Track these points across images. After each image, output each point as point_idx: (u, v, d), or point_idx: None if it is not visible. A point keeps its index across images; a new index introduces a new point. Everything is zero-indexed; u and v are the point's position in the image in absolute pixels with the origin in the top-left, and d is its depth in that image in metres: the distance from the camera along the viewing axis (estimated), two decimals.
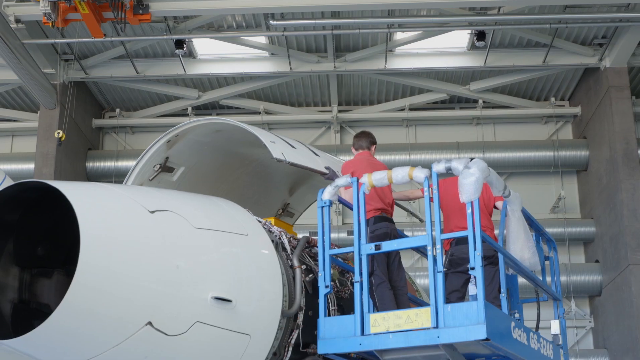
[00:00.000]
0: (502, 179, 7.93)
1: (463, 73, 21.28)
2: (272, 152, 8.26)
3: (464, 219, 7.14)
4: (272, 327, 7.04)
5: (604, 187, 20.09)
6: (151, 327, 5.79)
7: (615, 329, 19.40)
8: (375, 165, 8.50)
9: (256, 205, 10.20)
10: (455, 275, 8.37)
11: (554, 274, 9.70)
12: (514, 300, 9.17)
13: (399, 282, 8.29)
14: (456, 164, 7.10)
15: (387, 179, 7.48)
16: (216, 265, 6.53)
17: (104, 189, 6.34)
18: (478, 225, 6.84)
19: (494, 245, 7.68)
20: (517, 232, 8.23)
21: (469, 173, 6.97)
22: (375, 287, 7.91)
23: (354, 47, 20.35)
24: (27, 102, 22.07)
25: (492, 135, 22.34)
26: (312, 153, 9.37)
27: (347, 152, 20.74)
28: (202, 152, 9.68)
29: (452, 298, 8.17)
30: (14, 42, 17.32)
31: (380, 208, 8.28)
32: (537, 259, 8.40)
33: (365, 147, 8.92)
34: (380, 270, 8.03)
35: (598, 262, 20.64)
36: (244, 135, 8.90)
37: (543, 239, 9.51)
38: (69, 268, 6.06)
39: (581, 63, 20.30)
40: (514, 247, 8.20)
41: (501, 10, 18.53)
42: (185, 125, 9.09)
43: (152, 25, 18.72)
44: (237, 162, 10.31)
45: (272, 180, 10.80)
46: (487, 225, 8.54)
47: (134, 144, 22.63)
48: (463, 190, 6.96)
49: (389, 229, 8.25)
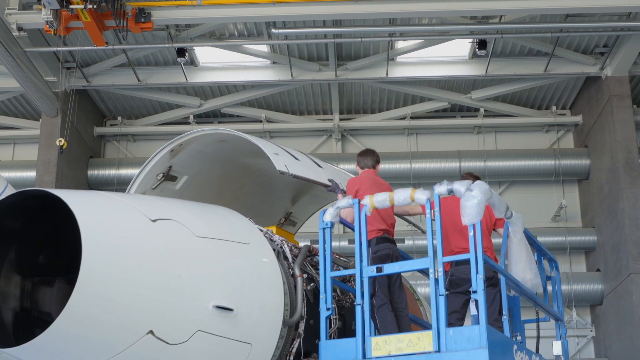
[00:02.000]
0: (504, 201, 7.90)
1: (464, 82, 21.30)
2: (276, 164, 8.30)
3: (464, 240, 7.11)
4: (273, 335, 7.04)
5: (605, 195, 20.08)
6: (152, 336, 5.78)
7: (617, 338, 19.36)
8: (379, 185, 8.50)
9: (259, 214, 10.20)
10: (455, 296, 8.30)
11: (556, 294, 9.65)
12: (515, 321, 9.15)
13: (401, 304, 8.27)
14: (458, 186, 7.07)
15: (389, 200, 7.45)
16: (218, 274, 6.53)
17: (105, 197, 6.35)
18: (480, 248, 6.82)
19: (496, 268, 7.66)
20: (519, 254, 8.17)
21: (471, 195, 6.95)
22: (377, 309, 7.89)
23: (356, 55, 20.38)
24: (28, 109, 22.09)
25: (494, 143, 22.34)
26: (315, 165, 9.38)
27: (348, 160, 20.85)
28: (205, 161, 9.70)
29: (451, 319, 8.08)
30: (16, 50, 17.35)
31: (382, 229, 8.26)
32: (539, 280, 8.33)
33: (371, 165, 8.89)
34: (382, 292, 8.01)
35: (599, 271, 20.61)
36: (248, 146, 8.92)
37: (545, 258, 9.50)
38: (70, 276, 6.06)
39: (582, 72, 20.31)
40: (516, 269, 8.14)
41: (502, 19, 18.56)
42: (189, 135, 9.12)
43: (154, 34, 18.76)
44: (240, 171, 10.33)
45: (274, 189, 10.81)
46: (488, 246, 8.50)
47: (136, 152, 22.65)
48: (465, 212, 6.92)
49: (391, 250, 8.23)
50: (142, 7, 16.58)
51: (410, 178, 20.99)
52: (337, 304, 8.28)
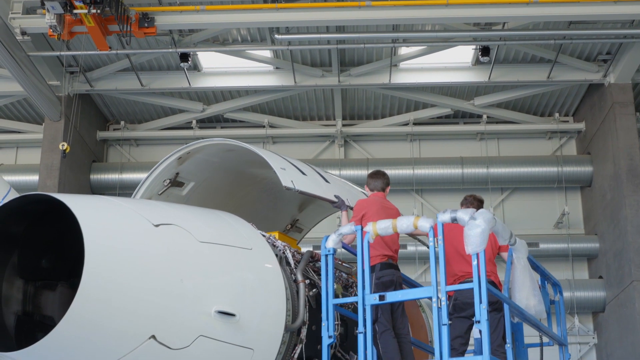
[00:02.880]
0: (507, 228, 7.87)
1: (467, 88, 21.29)
2: (282, 180, 8.35)
3: (467, 264, 7.08)
4: (275, 341, 7.04)
5: (608, 203, 20.07)
6: (154, 341, 5.78)
7: (619, 345, 19.33)
8: (387, 209, 8.49)
9: (265, 221, 10.25)
10: (459, 320, 8.28)
11: (559, 318, 9.63)
12: (519, 345, 9.13)
13: (403, 330, 8.25)
14: (462, 214, 7.06)
15: (392, 228, 7.44)
16: (220, 279, 6.53)
17: (108, 202, 6.35)
18: (484, 277, 6.82)
19: (500, 296, 7.65)
20: (523, 280, 8.16)
21: (475, 224, 6.92)
22: (379, 335, 7.87)
23: (359, 61, 20.38)
24: (31, 114, 22.11)
25: (496, 150, 22.33)
26: (322, 180, 9.41)
27: (351, 166, 20.89)
28: (212, 169, 9.75)
29: (455, 344, 8.11)
30: (19, 54, 17.39)
31: (387, 254, 8.24)
32: (543, 306, 8.33)
33: (380, 188, 8.84)
34: (385, 318, 7.98)
35: (602, 278, 20.59)
36: (255, 157, 8.94)
37: (549, 282, 9.48)
38: (72, 281, 6.06)
39: (585, 79, 20.31)
40: (519, 295, 8.13)
41: (506, 26, 18.57)
42: (197, 144, 9.18)
43: (158, 39, 18.77)
44: (247, 179, 10.37)
45: (282, 196, 10.82)
46: (492, 270, 8.49)
47: (138, 156, 22.67)
48: (469, 241, 6.91)
49: (394, 276, 8.21)
50: (146, 12, 16.63)
51: (412, 184, 20.99)
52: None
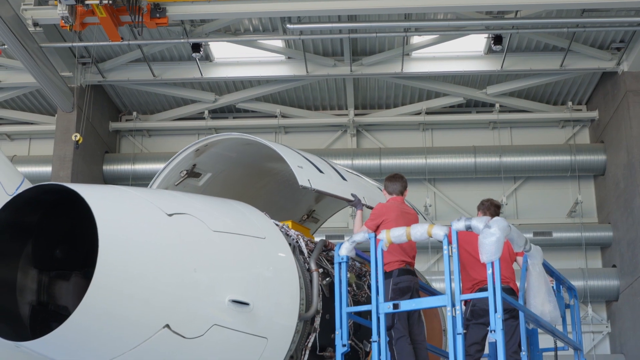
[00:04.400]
0: (523, 235, 7.81)
1: (480, 77, 21.23)
2: (299, 179, 8.36)
3: (484, 270, 7.06)
4: (289, 330, 7.05)
5: (622, 191, 19.97)
6: (169, 330, 5.80)
7: (632, 334, 19.27)
8: (406, 215, 8.45)
9: (281, 211, 10.29)
10: (477, 327, 8.23)
11: (574, 322, 9.60)
12: (534, 349, 9.10)
13: (419, 336, 8.22)
14: (476, 222, 7.04)
15: (406, 236, 7.41)
16: (233, 268, 6.54)
17: (122, 192, 6.35)
18: (499, 286, 6.79)
19: (515, 305, 7.63)
20: (538, 286, 8.11)
21: (490, 233, 6.89)
22: (395, 341, 7.85)
23: (371, 50, 20.33)
24: (44, 105, 22.18)
25: (509, 139, 22.26)
26: (340, 177, 9.39)
27: (363, 156, 20.87)
28: (230, 161, 9.80)
29: (471, 350, 8.08)
30: (31, 45, 17.41)
31: (404, 260, 8.21)
32: (558, 312, 8.29)
33: (398, 192, 8.76)
34: (401, 324, 7.95)
35: (615, 267, 20.52)
36: (272, 151, 8.95)
37: (564, 287, 9.44)
38: (86, 271, 6.08)
39: (599, 67, 20.19)
40: (534, 302, 8.10)
41: (518, 14, 18.45)
42: (215, 137, 9.23)
43: (169, 29, 18.77)
44: (264, 171, 10.42)
45: (298, 188, 10.84)
46: (510, 276, 8.44)
47: (151, 147, 22.71)
48: (484, 250, 6.88)
49: (411, 282, 8.16)
50: (158, 3, 16.61)
51: (425, 173, 20.95)
52: (353, 299, 8.26)
